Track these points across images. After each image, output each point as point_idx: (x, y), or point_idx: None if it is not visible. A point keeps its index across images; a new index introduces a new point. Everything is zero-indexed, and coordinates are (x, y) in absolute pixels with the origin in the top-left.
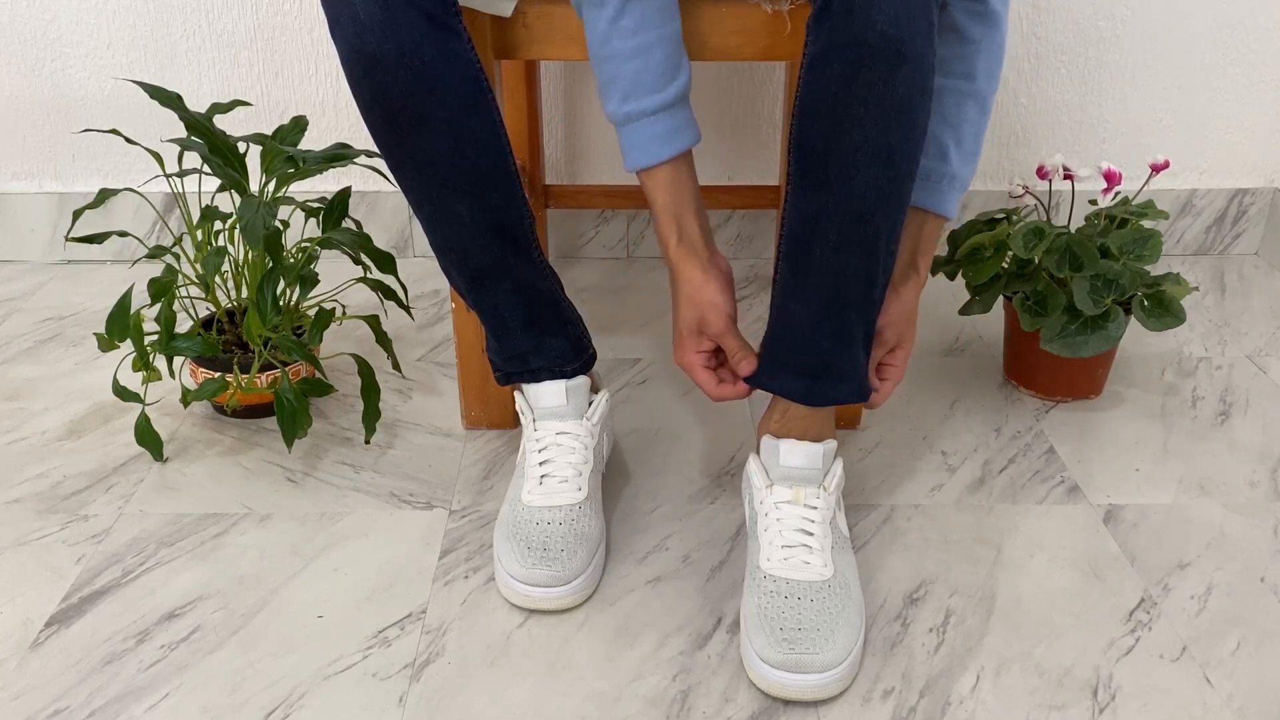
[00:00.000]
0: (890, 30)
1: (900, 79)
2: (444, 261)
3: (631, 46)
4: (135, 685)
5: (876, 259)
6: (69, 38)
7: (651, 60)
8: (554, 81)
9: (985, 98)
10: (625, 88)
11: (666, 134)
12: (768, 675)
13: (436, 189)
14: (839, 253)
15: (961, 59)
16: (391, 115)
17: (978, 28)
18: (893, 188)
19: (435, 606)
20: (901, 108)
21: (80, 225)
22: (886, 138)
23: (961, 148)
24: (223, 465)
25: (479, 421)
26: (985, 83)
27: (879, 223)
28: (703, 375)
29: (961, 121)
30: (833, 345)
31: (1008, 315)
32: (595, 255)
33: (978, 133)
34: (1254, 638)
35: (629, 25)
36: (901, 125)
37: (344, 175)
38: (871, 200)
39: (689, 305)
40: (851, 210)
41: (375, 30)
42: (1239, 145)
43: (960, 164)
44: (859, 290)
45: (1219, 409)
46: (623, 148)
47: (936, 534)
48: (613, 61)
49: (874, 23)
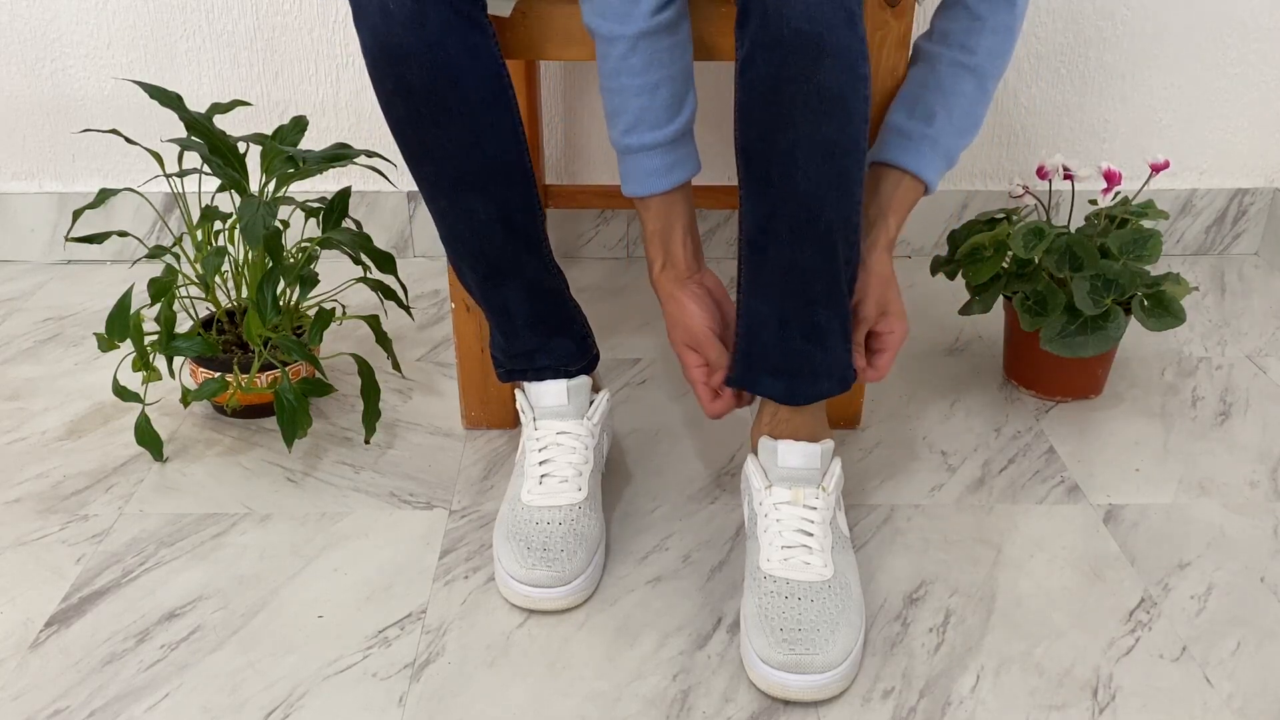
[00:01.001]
0: (805, 26)
1: (824, 72)
2: (455, 256)
3: (638, 84)
4: (135, 685)
5: (834, 252)
6: (69, 38)
7: (657, 98)
8: (554, 81)
9: (984, 75)
10: (629, 121)
11: (664, 168)
12: (768, 675)
13: (453, 183)
14: (795, 250)
15: (965, 33)
16: (413, 107)
17: (985, 5)
18: (837, 180)
19: (435, 606)
20: (831, 100)
21: (80, 225)
22: (821, 133)
23: (951, 117)
24: (223, 465)
25: (479, 421)
26: (986, 60)
27: (829, 216)
28: (702, 391)
29: (954, 92)
30: (805, 343)
31: (1008, 315)
32: (595, 255)
33: (972, 108)
34: (1254, 638)
35: (638, 64)
36: (835, 118)
37: (344, 175)
38: (817, 195)
39: (673, 325)
40: (799, 207)
41: (402, 21)
42: (1239, 145)
43: (946, 132)
44: (821, 285)
45: (1219, 409)
46: (621, 174)
47: (936, 534)
48: (620, 95)
49: (788, 21)
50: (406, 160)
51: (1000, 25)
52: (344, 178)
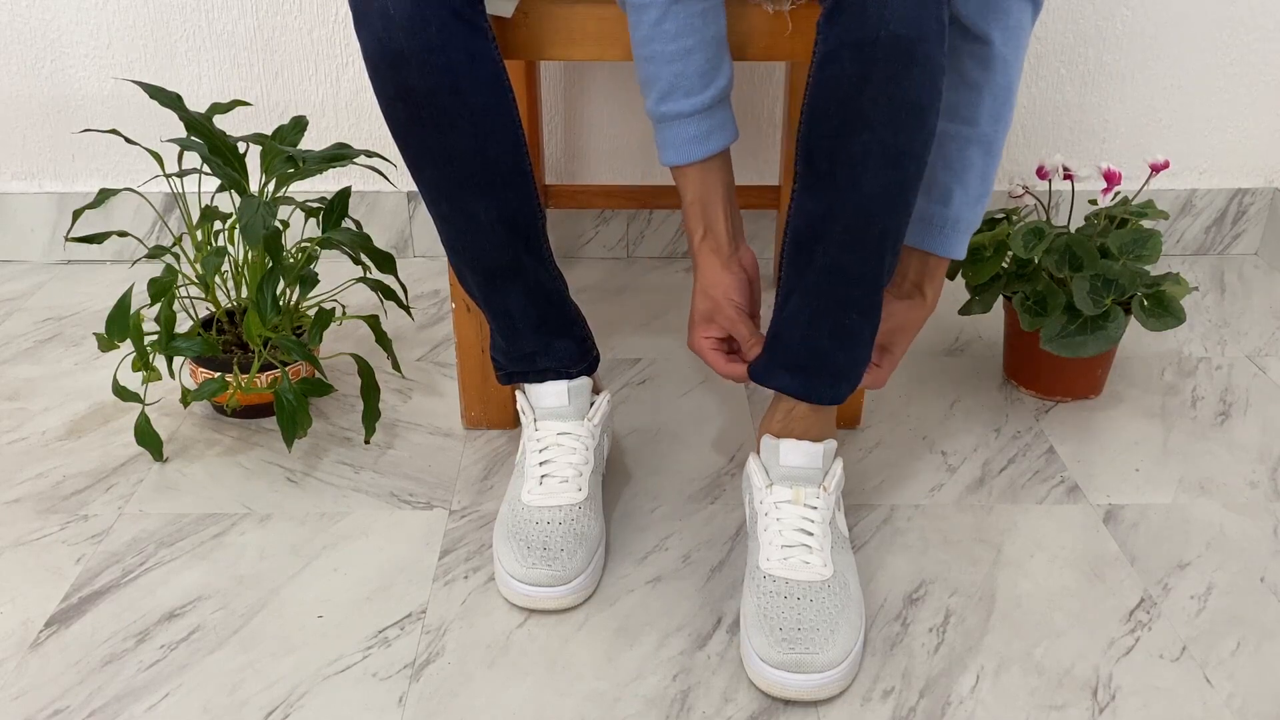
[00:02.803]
0: (901, 30)
1: (911, 80)
2: (457, 260)
3: (672, 50)
4: (135, 685)
5: (881, 260)
6: (69, 38)
7: (691, 64)
8: (554, 81)
9: (991, 141)
10: (663, 89)
11: (701, 135)
12: (768, 675)
13: (455, 186)
14: (843, 253)
15: (965, 105)
16: (415, 112)
17: (979, 72)
18: (899, 189)
19: (435, 606)
20: (911, 109)
21: (80, 225)
22: (895, 139)
23: (967, 191)
24: (222, 465)
25: (479, 421)
26: (989, 127)
27: (885, 224)
28: (711, 355)
29: (965, 167)
30: (832, 344)
31: (1008, 315)
32: (595, 255)
33: (984, 175)
34: (1254, 638)
35: (671, 29)
36: (911, 127)
37: (344, 175)
38: (878, 201)
39: (703, 296)
40: (858, 211)
41: (404, 26)
42: (1239, 145)
43: (964, 207)
44: (861, 291)
45: (1219, 409)
46: (657, 143)
47: (936, 534)
48: (653, 63)
49: (885, 22)
50: (408, 165)
51: (997, 88)
52: (344, 178)
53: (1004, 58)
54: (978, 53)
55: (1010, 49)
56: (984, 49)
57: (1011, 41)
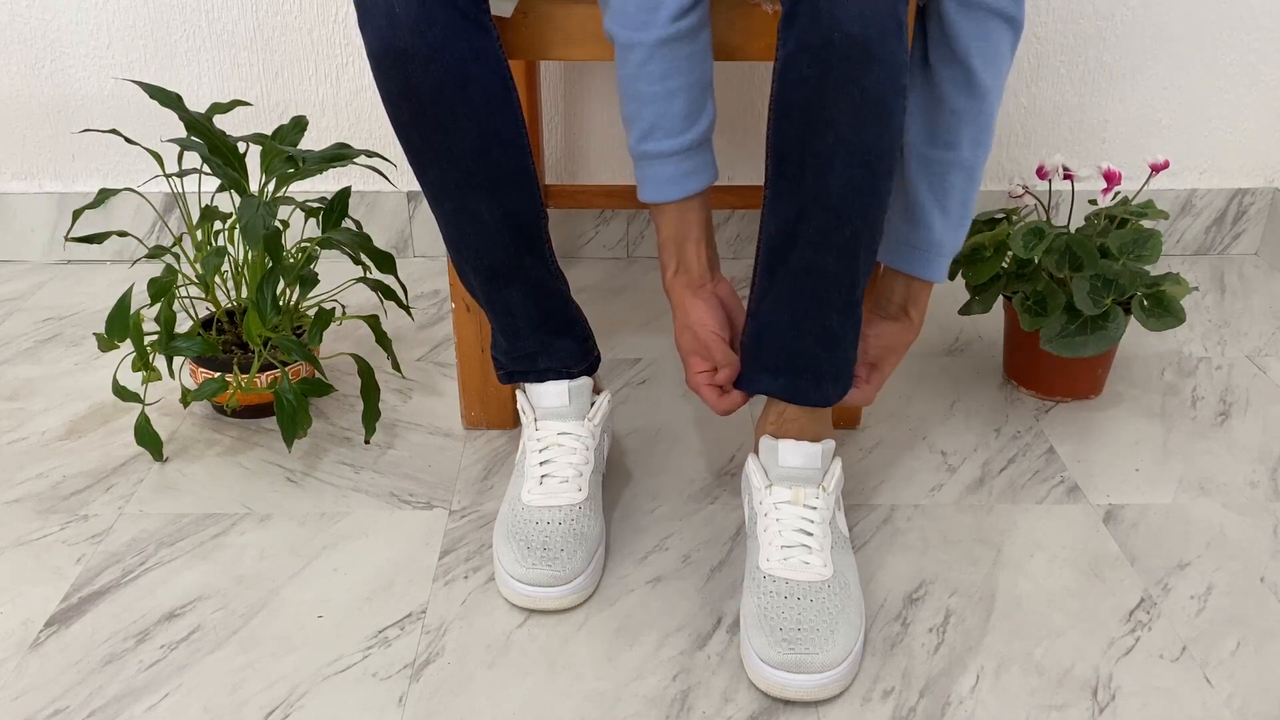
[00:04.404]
0: (855, 30)
1: (872, 78)
2: (459, 259)
3: (656, 91)
4: (135, 685)
5: (856, 260)
6: (69, 38)
7: (674, 106)
8: (554, 81)
9: (972, 166)
10: (645, 128)
11: (680, 176)
12: (768, 675)
13: (459, 186)
14: (818, 254)
15: (946, 130)
16: (420, 111)
17: (961, 99)
18: (869, 187)
19: (435, 606)
20: (874, 107)
21: (80, 225)
22: (860, 137)
23: (948, 216)
24: (222, 465)
25: (479, 421)
26: (970, 152)
27: (857, 223)
28: (707, 393)
29: (947, 191)
30: (816, 345)
31: (1008, 315)
32: (595, 255)
33: (965, 199)
34: (1254, 638)
35: (656, 70)
36: (875, 125)
37: (344, 175)
38: (849, 201)
39: (683, 330)
40: (829, 211)
41: (409, 25)
42: (1239, 145)
43: (946, 232)
44: (839, 291)
45: (1219, 409)
46: (637, 179)
47: (936, 534)
48: (637, 101)
49: (839, 23)
50: (412, 163)
51: (979, 115)
52: (344, 178)
53: (985, 84)
54: (959, 78)
55: (990, 75)
56: (965, 75)
57: (991, 68)
